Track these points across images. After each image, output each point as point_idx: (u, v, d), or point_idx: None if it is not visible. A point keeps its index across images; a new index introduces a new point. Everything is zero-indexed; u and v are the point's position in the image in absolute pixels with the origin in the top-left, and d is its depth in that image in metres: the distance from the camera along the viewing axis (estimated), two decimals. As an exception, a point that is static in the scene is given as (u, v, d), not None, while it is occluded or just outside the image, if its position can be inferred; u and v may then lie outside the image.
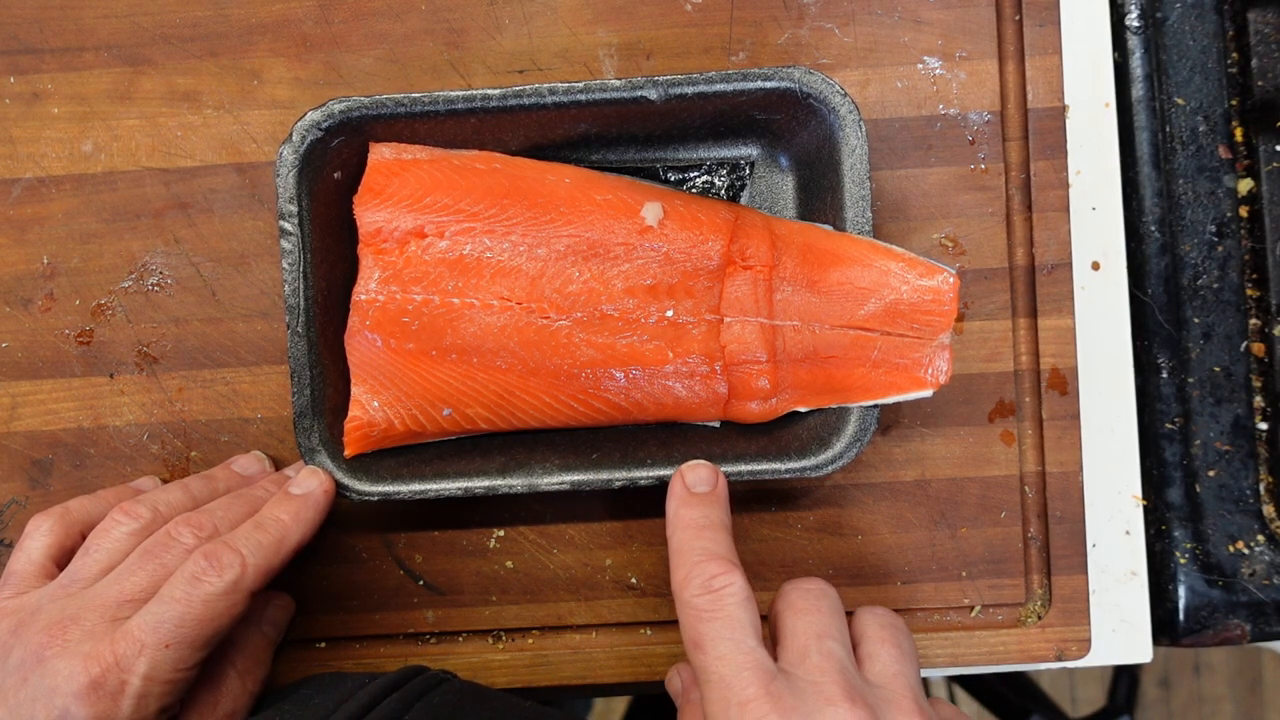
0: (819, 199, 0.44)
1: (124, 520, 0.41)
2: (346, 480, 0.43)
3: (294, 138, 0.42)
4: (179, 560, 0.39)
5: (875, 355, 0.42)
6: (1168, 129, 0.49)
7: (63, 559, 0.42)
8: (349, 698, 0.39)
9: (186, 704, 0.41)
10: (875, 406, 0.43)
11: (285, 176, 0.42)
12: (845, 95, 0.42)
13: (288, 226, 0.42)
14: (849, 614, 0.39)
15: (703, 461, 0.41)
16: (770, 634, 0.39)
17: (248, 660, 0.43)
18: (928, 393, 0.42)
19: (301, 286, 0.42)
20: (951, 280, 0.42)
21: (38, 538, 0.42)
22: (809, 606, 0.38)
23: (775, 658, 0.36)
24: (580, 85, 0.42)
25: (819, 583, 0.39)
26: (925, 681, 1.37)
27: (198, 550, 0.38)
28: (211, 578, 0.38)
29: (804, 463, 0.42)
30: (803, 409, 0.44)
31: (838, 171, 0.42)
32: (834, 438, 0.43)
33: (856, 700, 0.34)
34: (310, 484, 0.42)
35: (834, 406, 0.43)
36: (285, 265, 0.42)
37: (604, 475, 0.43)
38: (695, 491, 0.40)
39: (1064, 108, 0.48)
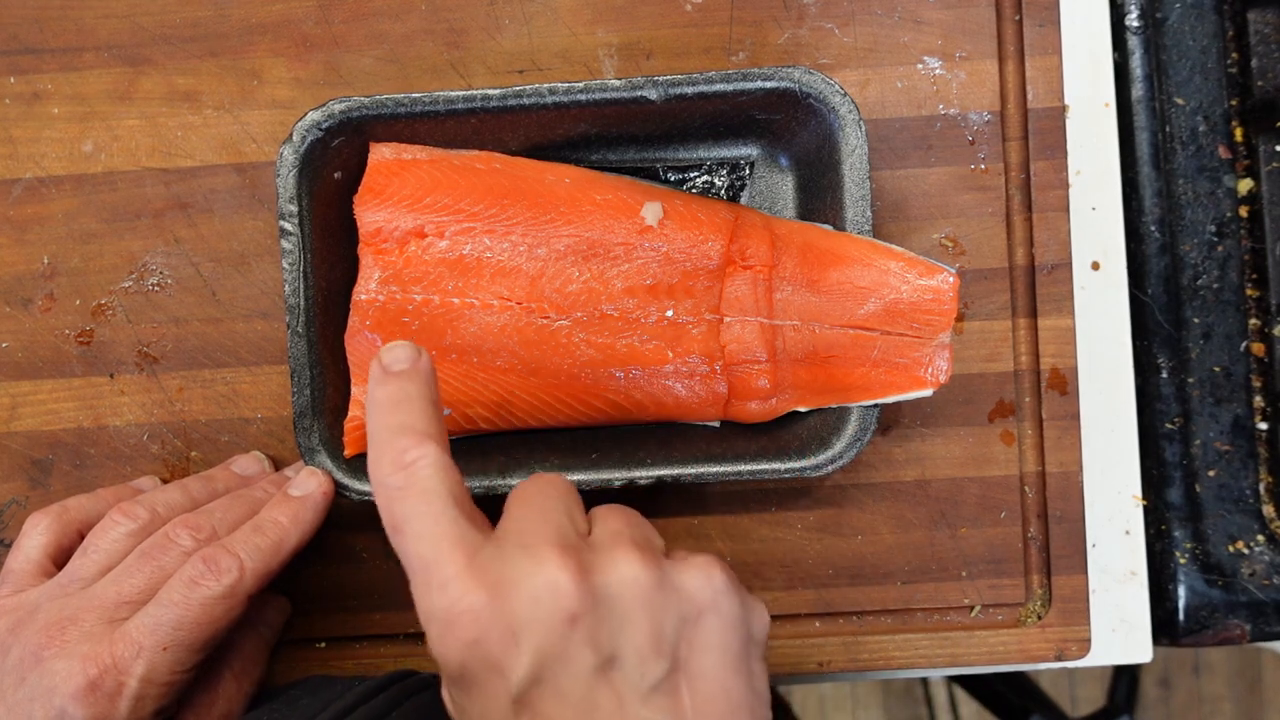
0: (819, 199, 0.44)
1: (122, 521, 0.41)
2: (346, 480, 0.43)
3: (294, 137, 0.42)
4: (177, 562, 0.39)
5: (875, 355, 0.42)
6: (1168, 129, 0.49)
7: (60, 557, 0.42)
8: (336, 699, 0.39)
9: (183, 705, 0.41)
10: (875, 406, 0.43)
11: (285, 176, 0.42)
12: (845, 95, 0.42)
13: (288, 226, 0.42)
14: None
15: (402, 342, 0.36)
16: None
17: (244, 662, 0.43)
18: (928, 392, 0.42)
19: (301, 286, 0.42)
20: (951, 280, 0.42)
21: (35, 536, 0.42)
22: (536, 492, 0.34)
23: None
24: (580, 85, 0.42)
25: (553, 477, 0.36)
26: (924, 682, 1.37)
27: (196, 554, 0.38)
28: (209, 581, 0.38)
29: (804, 463, 0.42)
30: (802, 409, 0.44)
31: (838, 171, 0.42)
32: (834, 438, 0.43)
33: (569, 554, 0.31)
34: (309, 485, 0.42)
35: (834, 406, 0.43)
36: (285, 265, 0.42)
37: (603, 475, 0.43)
38: (392, 370, 0.35)
39: (1064, 108, 0.48)
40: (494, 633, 0.30)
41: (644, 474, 0.42)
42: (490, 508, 0.47)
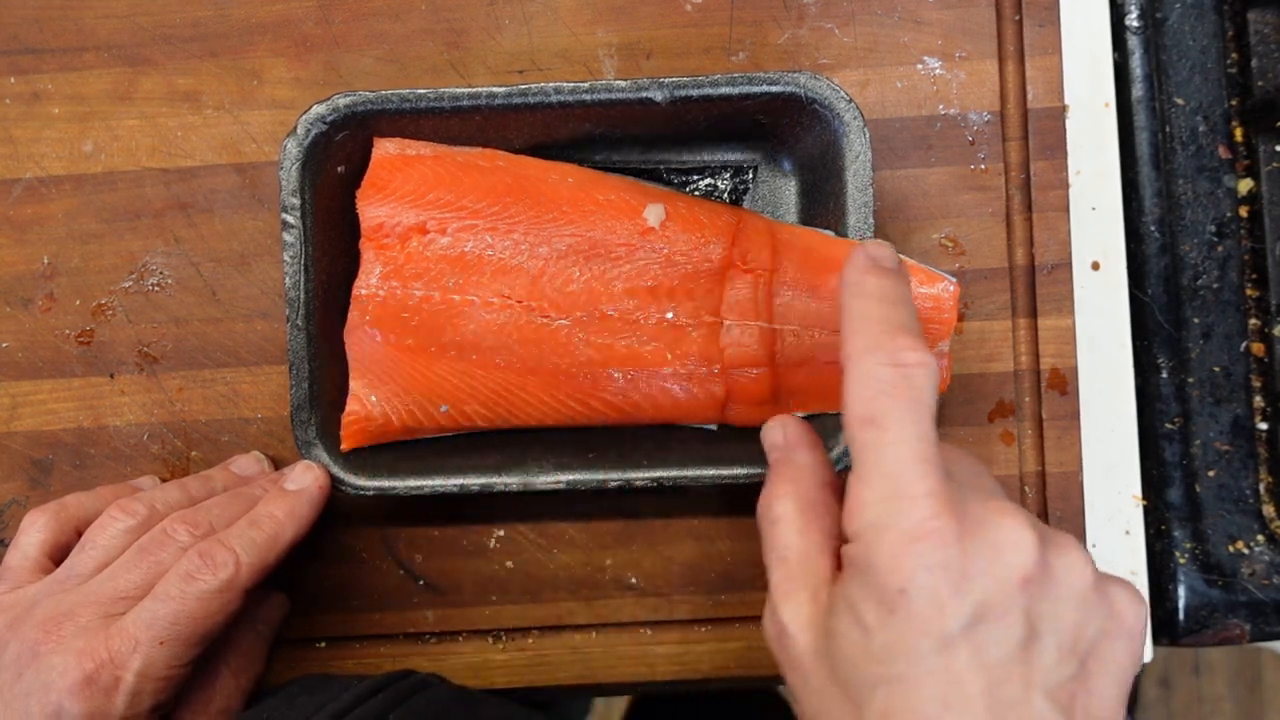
0: (821, 204, 0.44)
1: (120, 517, 0.41)
2: (343, 474, 0.43)
3: (298, 130, 0.42)
4: (174, 558, 0.39)
5: (875, 359, 0.42)
6: (1168, 129, 0.49)
7: (58, 554, 0.42)
8: (334, 698, 0.39)
9: (180, 700, 0.41)
10: (874, 410, 0.42)
11: (289, 169, 0.42)
12: (850, 101, 0.42)
13: (290, 219, 0.42)
14: None
15: (885, 242, 0.35)
16: None
17: (241, 658, 0.43)
18: None
19: (302, 280, 0.42)
20: (952, 289, 0.42)
21: (33, 533, 0.42)
22: (970, 458, 0.35)
23: None
24: (585, 85, 0.42)
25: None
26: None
27: (192, 548, 0.38)
28: (206, 576, 0.38)
29: None
30: (800, 414, 0.44)
31: (841, 177, 0.42)
32: (830, 443, 0.43)
33: (1031, 518, 0.30)
34: (305, 479, 0.42)
35: (832, 412, 0.43)
36: (286, 258, 0.42)
37: (600, 475, 0.43)
38: (884, 265, 0.33)
39: (1064, 108, 0.48)
40: (954, 565, 0.29)
41: (641, 475, 0.42)
42: (490, 506, 0.47)
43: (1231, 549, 0.49)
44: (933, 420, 0.31)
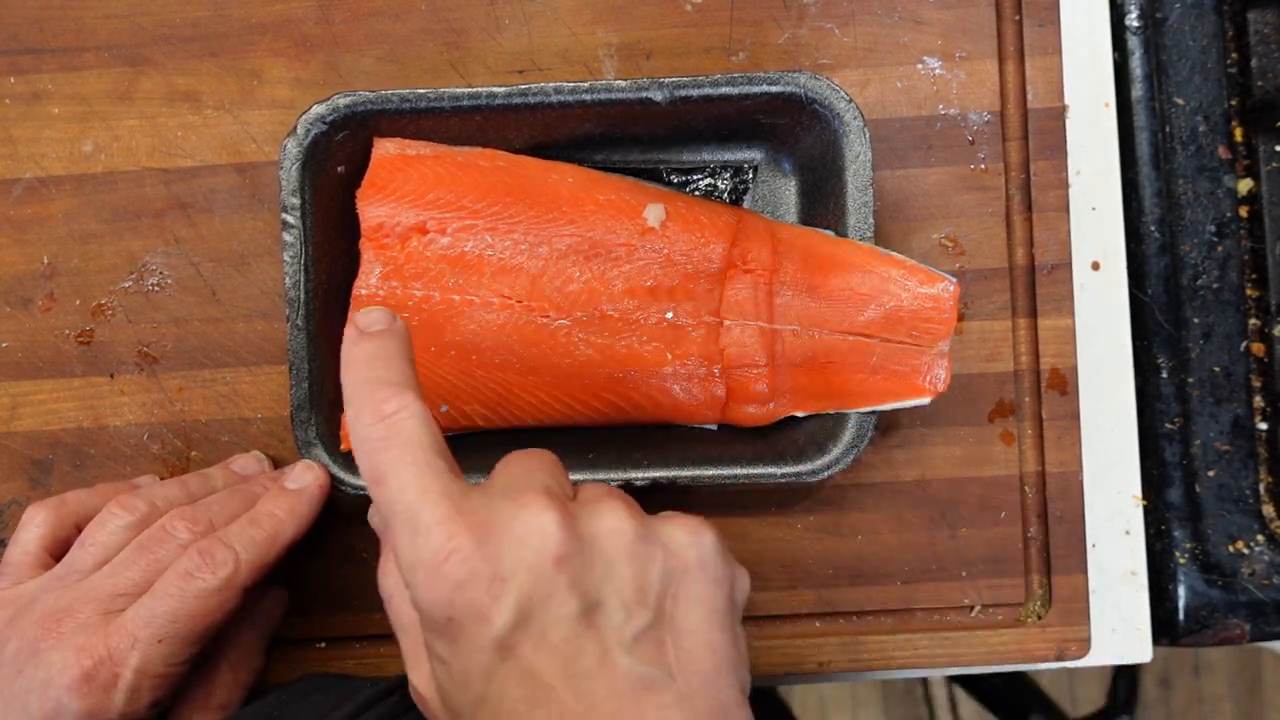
0: (821, 204, 0.44)
1: (120, 513, 0.41)
2: (343, 474, 0.43)
3: (298, 130, 0.42)
4: (173, 555, 0.39)
5: (874, 361, 0.42)
6: (1168, 129, 0.49)
7: (57, 550, 0.42)
8: (349, 697, 0.39)
9: (179, 697, 0.41)
10: (873, 413, 0.43)
11: (289, 169, 0.42)
12: (850, 101, 0.42)
13: (290, 219, 0.42)
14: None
15: (377, 306, 0.36)
16: None
17: (240, 654, 0.43)
18: (925, 400, 0.42)
19: (302, 280, 0.42)
20: (952, 289, 0.42)
21: (32, 528, 0.42)
22: (522, 456, 0.34)
23: None
24: (585, 85, 0.42)
25: (541, 450, 0.35)
26: (924, 682, 1.37)
27: (192, 546, 0.38)
28: (205, 574, 0.38)
29: (800, 467, 0.42)
30: (800, 414, 0.44)
31: (841, 177, 0.42)
32: (831, 443, 0.43)
33: (554, 500, 0.31)
34: (305, 479, 0.42)
35: (831, 412, 0.43)
36: (286, 258, 0.42)
37: (600, 475, 0.43)
38: (369, 331, 0.34)
39: (1064, 108, 0.48)
40: (481, 574, 0.29)
41: (640, 475, 0.42)
42: (490, 508, 0.47)
43: (1231, 549, 0.49)
44: (433, 452, 0.31)
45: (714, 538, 0.33)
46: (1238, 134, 0.49)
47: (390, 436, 0.31)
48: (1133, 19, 0.49)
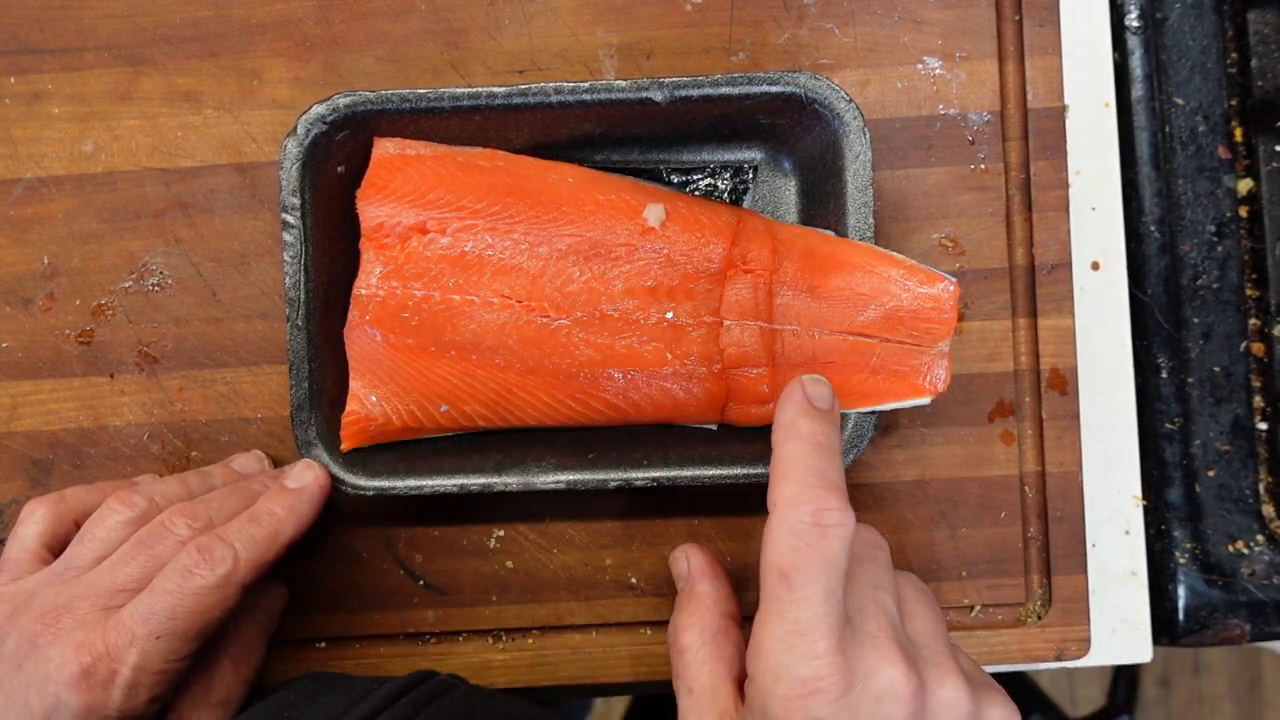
0: (821, 204, 0.44)
1: (119, 509, 0.41)
2: (343, 474, 0.43)
3: (298, 130, 0.42)
4: (172, 551, 0.39)
5: (874, 362, 0.42)
6: (1167, 129, 0.49)
7: (56, 545, 0.42)
8: (359, 700, 0.39)
9: (180, 692, 0.41)
10: (873, 413, 0.43)
11: (289, 169, 0.42)
12: (850, 101, 0.42)
13: (290, 219, 0.42)
14: None
15: (823, 378, 0.38)
16: None
17: (241, 649, 0.43)
18: (925, 400, 0.42)
19: (302, 280, 0.42)
20: (952, 289, 0.42)
21: (31, 524, 0.42)
22: (867, 556, 0.37)
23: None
24: (585, 85, 0.42)
25: (874, 532, 0.38)
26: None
27: (191, 543, 0.38)
28: (204, 571, 0.38)
29: None
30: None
31: (841, 177, 0.42)
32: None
33: (911, 662, 0.34)
34: (305, 478, 0.42)
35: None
36: (287, 258, 0.42)
37: (600, 475, 0.43)
38: (817, 406, 0.36)
39: (1064, 108, 0.48)
40: (838, 717, 0.32)
41: (640, 475, 0.42)
42: (490, 506, 0.47)
43: (1231, 549, 0.49)
44: (840, 578, 0.34)
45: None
46: (1238, 134, 0.49)
47: (818, 547, 0.33)
48: (1133, 19, 0.49)
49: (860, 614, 0.35)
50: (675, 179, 0.45)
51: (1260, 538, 0.49)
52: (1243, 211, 0.49)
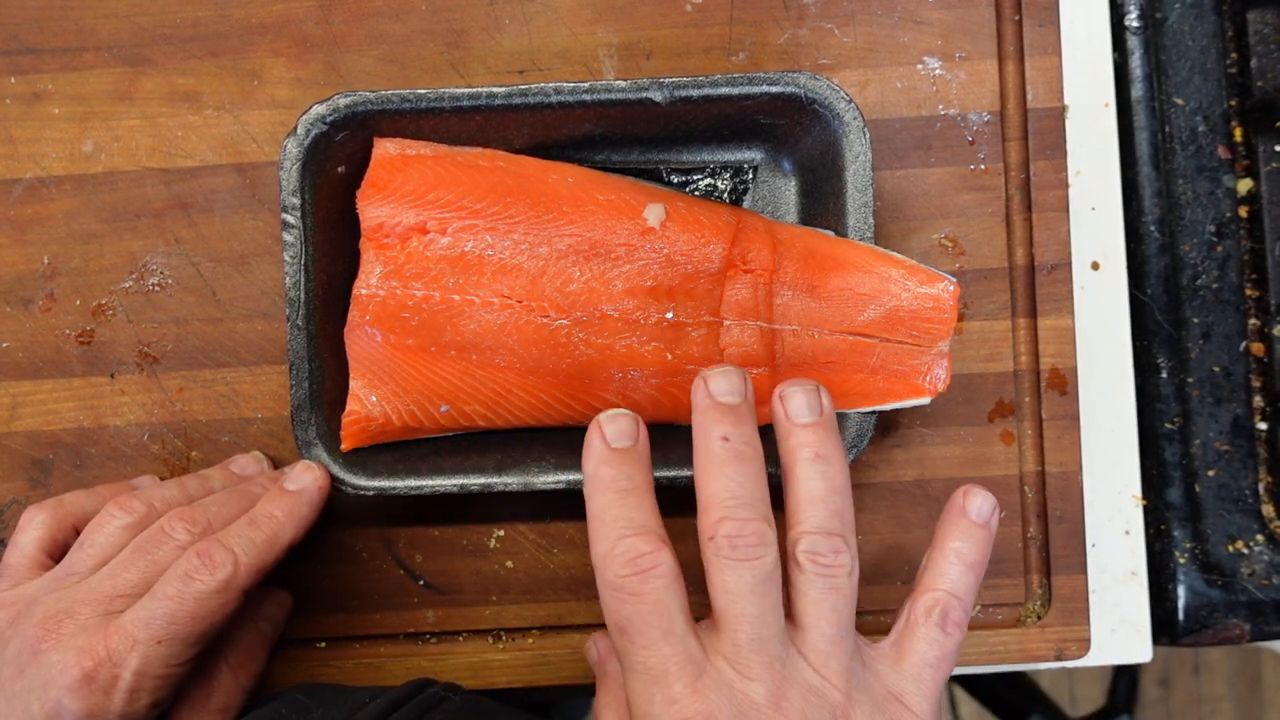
0: (821, 204, 0.44)
1: (118, 514, 0.41)
2: (343, 474, 0.43)
3: (298, 130, 0.42)
4: (171, 555, 0.39)
5: (874, 362, 0.42)
6: (1167, 129, 0.49)
7: (55, 551, 0.42)
8: (351, 715, 0.38)
9: (179, 698, 0.41)
10: (872, 413, 0.43)
11: (289, 169, 0.42)
12: (850, 101, 0.42)
13: (290, 219, 0.42)
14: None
15: (623, 411, 0.37)
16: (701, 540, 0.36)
17: (241, 656, 0.43)
18: (925, 400, 0.42)
19: (302, 280, 0.42)
20: (952, 289, 0.42)
21: (30, 530, 0.42)
22: (751, 593, 0.35)
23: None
24: (585, 85, 0.42)
25: (763, 563, 0.35)
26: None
27: (191, 548, 0.38)
28: (204, 576, 0.38)
29: None
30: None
31: (841, 178, 0.42)
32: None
33: (774, 681, 0.33)
34: (305, 479, 0.42)
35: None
36: (287, 258, 0.42)
37: None
38: (615, 447, 0.36)
39: (1064, 108, 0.48)
40: None
41: (643, 474, 0.42)
42: (490, 506, 0.47)
43: (1231, 549, 0.49)
44: (679, 614, 0.34)
45: None
46: (1237, 134, 0.49)
47: (642, 594, 0.33)
48: (1133, 19, 0.49)
49: (732, 653, 0.34)
50: (675, 179, 0.45)
51: (1260, 538, 0.49)
52: (1243, 211, 0.49)
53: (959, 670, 0.49)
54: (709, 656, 0.34)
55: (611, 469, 0.36)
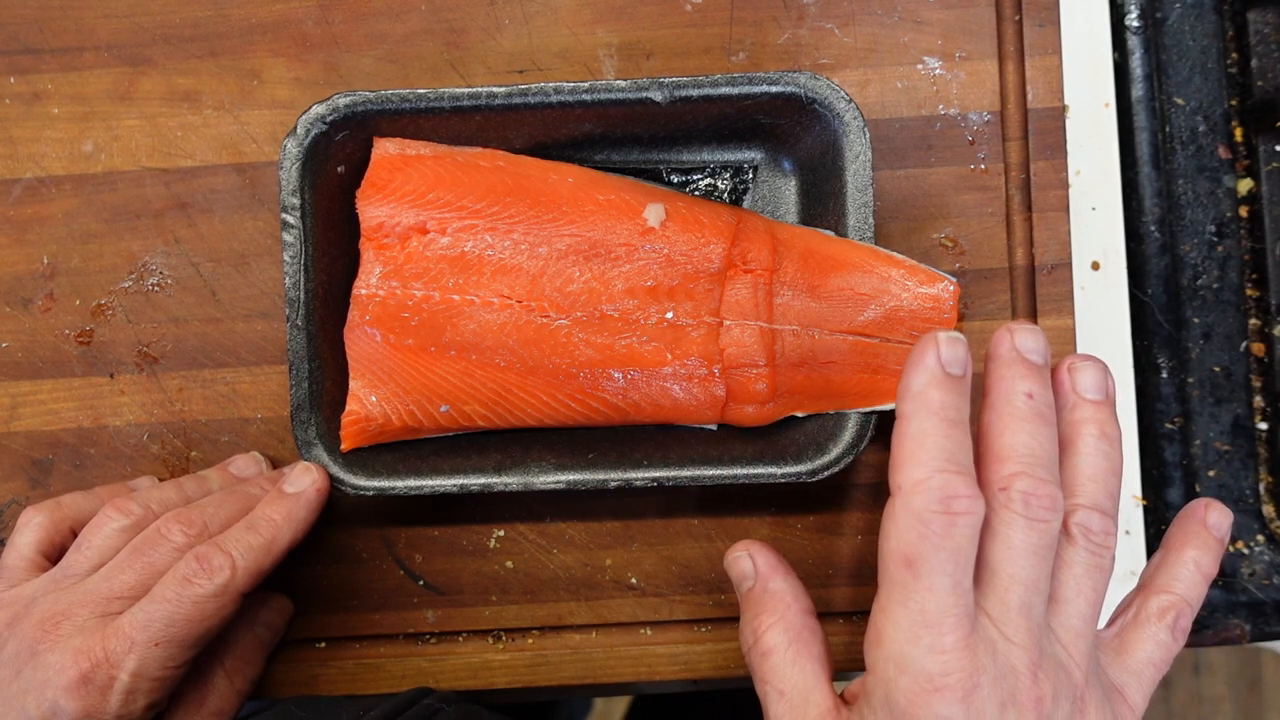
0: (821, 204, 0.44)
1: (115, 516, 0.41)
2: (342, 474, 0.43)
3: (298, 130, 0.42)
4: (168, 557, 0.39)
5: (874, 361, 0.42)
6: (1167, 129, 0.49)
7: (53, 553, 0.42)
8: None
9: (174, 701, 0.41)
10: (873, 413, 0.43)
11: (289, 169, 0.42)
12: (850, 101, 0.42)
13: (290, 219, 0.42)
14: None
15: (958, 335, 0.34)
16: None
17: (237, 660, 0.43)
18: None
19: (302, 280, 0.42)
20: (951, 289, 0.42)
21: (27, 532, 0.42)
22: (1024, 562, 0.34)
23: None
24: (585, 85, 0.42)
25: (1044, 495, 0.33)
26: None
27: (190, 552, 0.39)
28: (202, 580, 0.38)
29: (800, 467, 0.42)
30: (800, 414, 0.44)
31: (841, 177, 0.42)
32: (830, 443, 0.43)
33: (1043, 702, 0.32)
34: (303, 482, 0.42)
35: (831, 412, 0.43)
36: (286, 258, 0.42)
37: (600, 475, 0.43)
38: (950, 372, 0.33)
39: (1064, 108, 0.48)
40: (958, 717, 0.31)
41: (640, 475, 0.42)
42: (490, 506, 0.47)
43: (1231, 549, 0.49)
44: (969, 568, 0.32)
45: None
46: (1238, 134, 0.49)
47: (945, 535, 0.32)
48: (1133, 19, 0.49)
49: (1000, 612, 0.33)
50: (675, 179, 0.45)
51: (1260, 538, 0.49)
52: (1243, 211, 0.49)
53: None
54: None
55: (943, 394, 0.33)
